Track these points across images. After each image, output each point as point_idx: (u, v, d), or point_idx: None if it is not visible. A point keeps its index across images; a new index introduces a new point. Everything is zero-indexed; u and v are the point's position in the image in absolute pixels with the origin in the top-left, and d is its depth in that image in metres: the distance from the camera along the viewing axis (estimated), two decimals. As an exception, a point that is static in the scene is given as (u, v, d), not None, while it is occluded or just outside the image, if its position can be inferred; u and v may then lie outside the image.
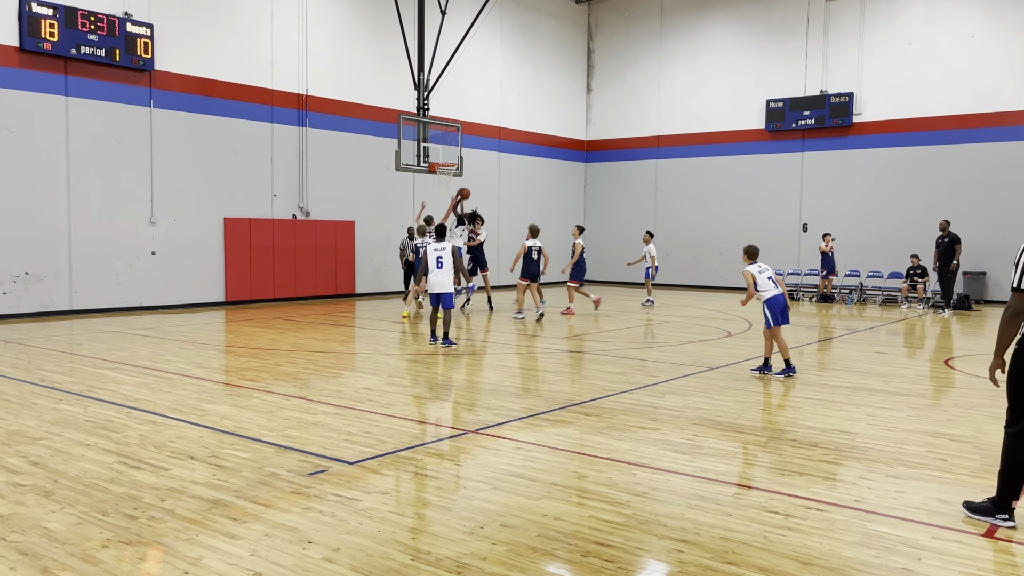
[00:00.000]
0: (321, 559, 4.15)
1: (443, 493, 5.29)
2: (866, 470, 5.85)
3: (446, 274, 12.24)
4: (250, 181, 18.64)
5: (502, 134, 25.04)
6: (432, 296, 12.35)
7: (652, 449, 6.38)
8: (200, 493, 5.16)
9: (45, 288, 15.48)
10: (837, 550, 4.35)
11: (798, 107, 23.27)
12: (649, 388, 8.99)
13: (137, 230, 16.74)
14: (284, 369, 9.99)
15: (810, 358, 11.47)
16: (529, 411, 7.71)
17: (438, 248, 12.35)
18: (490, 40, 24.15)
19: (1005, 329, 4.59)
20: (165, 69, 16.93)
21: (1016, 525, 4.72)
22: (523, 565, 4.11)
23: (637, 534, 4.55)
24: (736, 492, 5.30)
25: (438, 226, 12.68)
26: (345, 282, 20.67)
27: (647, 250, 19.74)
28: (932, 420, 7.55)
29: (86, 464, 5.80)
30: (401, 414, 7.54)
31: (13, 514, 4.76)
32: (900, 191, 21.99)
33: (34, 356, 10.82)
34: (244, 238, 18.44)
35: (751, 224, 24.33)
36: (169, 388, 8.69)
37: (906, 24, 21.78)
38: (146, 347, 11.77)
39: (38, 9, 14.81)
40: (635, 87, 27.06)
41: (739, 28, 24.77)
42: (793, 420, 7.50)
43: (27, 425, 6.96)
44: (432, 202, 21.94)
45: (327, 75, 20.06)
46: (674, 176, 26.19)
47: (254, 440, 6.51)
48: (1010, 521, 4.71)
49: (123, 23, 15.93)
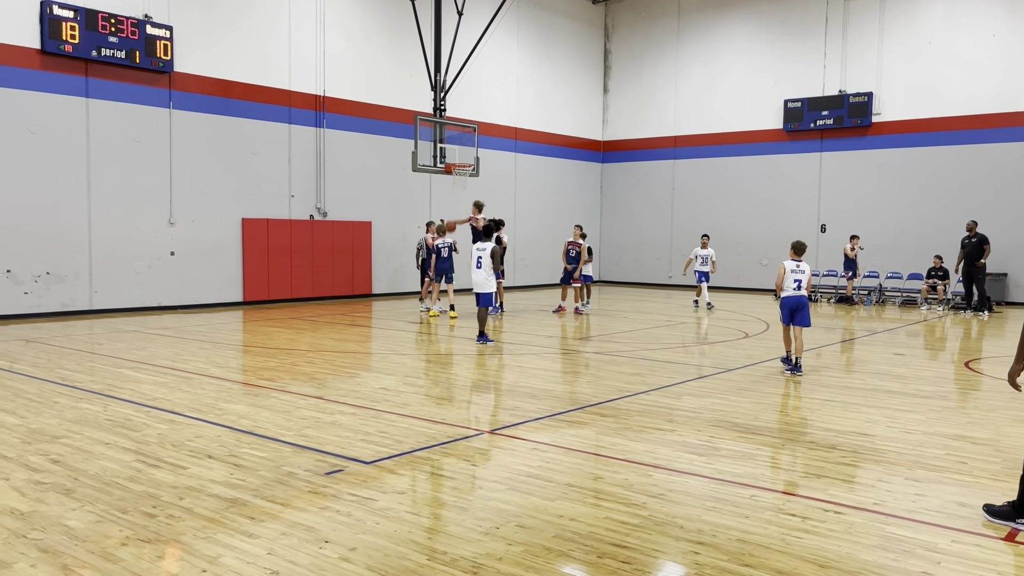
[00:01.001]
0: (338, 558, 4.17)
1: (459, 493, 5.30)
2: (885, 473, 5.80)
3: (485, 274, 12.48)
4: (268, 182, 18.75)
5: (519, 135, 25.05)
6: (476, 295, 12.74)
7: (668, 450, 6.36)
8: (218, 492, 5.20)
9: (66, 288, 15.64)
10: (855, 553, 4.32)
11: (816, 107, 23.12)
12: (665, 389, 8.96)
13: (156, 230, 16.88)
14: (301, 369, 10.04)
15: (829, 359, 11.39)
16: (545, 412, 7.70)
17: (479, 248, 12.59)
18: (507, 41, 24.16)
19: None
20: (184, 71, 17.07)
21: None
22: (539, 566, 4.11)
23: (653, 535, 4.53)
24: (753, 494, 5.27)
25: (485, 226, 12.99)
26: (362, 282, 20.74)
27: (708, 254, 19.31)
28: (952, 423, 7.47)
29: (106, 462, 5.85)
30: (417, 414, 7.55)
31: (34, 512, 4.81)
32: (920, 191, 21.80)
33: (55, 355, 10.94)
34: (262, 238, 18.55)
35: (769, 225, 24.20)
36: (188, 387, 8.75)
37: (926, 23, 21.59)
38: (165, 347, 11.86)
39: (59, 12, 14.97)
40: (652, 87, 26.99)
41: (757, 28, 24.65)
42: (811, 422, 7.45)
43: (48, 423, 7.04)
44: (444, 204, 22.03)
45: (344, 76, 20.14)
46: (691, 177, 26.09)
47: (271, 439, 6.55)
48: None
49: (143, 25, 16.07)
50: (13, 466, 5.74)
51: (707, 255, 19.20)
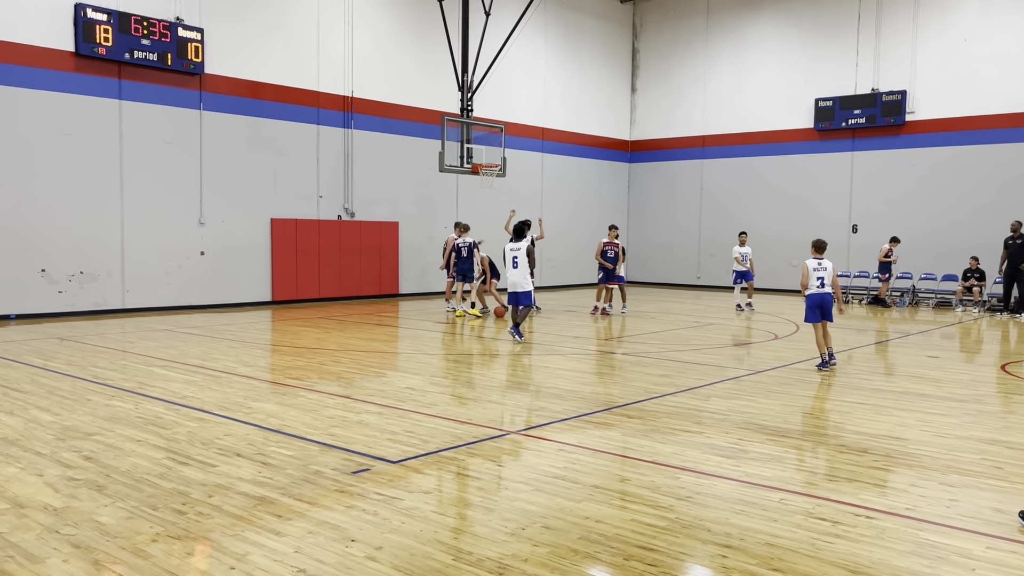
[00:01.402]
0: (364, 557, 4.18)
1: (485, 494, 5.29)
2: (918, 477, 5.70)
3: (522, 273, 12.71)
4: (296, 182, 18.90)
5: (545, 135, 25.02)
6: (511, 295, 12.97)
7: (696, 453, 6.30)
8: (246, 490, 5.24)
9: (99, 287, 15.89)
10: (888, 559, 4.24)
11: (848, 106, 22.82)
12: (693, 391, 8.89)
13: (187, 230, 17.09)
14: (329, 368, 10.10)
15: (861, 362, 11.23)
16: (572, 413, 7.67)
17: (514, 248, 12.84)
18: (534, 41, 24.14)
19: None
20: (215, 72, 17.26)
21: None
22: (565, 567, 4.09)
23: (680, 538, 4.49)
24: (782, 497, 5.21)
25: (516, 226, 13.19)
26: (389, 282, 20.84)
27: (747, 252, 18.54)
28: (988, 427, 7.33)
29: (137, 459, 5.93)
30: (443, 414, 7.56)
31: (67, 507, 4.88)
32: (955, 191, 21.43)
33: (88, 353, 11.11)
34: (290, 238, 18.71)
35: (799, 225, 23.94)
36: (217, 386, 8.84)
37: (961, 20, 21.23)
38: (195, 345, 11.99)
39: (93, 15, 15.21)
40: (680, 86, 26.82)
41: (787, 26, 24.39)
42: (842, 425, 7.35)
43: (81, 421, 7.14)
44: (470, 204, 22.09)
45: (372, 77, 20.24)
46: (720, 176, 25.89)
47: (299, 438, 6.59)
48: None
49: (175, 28, 16.28)
50: (47, 462, 5.83)
51: (746, 253, 18.43)
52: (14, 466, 5.74)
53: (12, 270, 14.76)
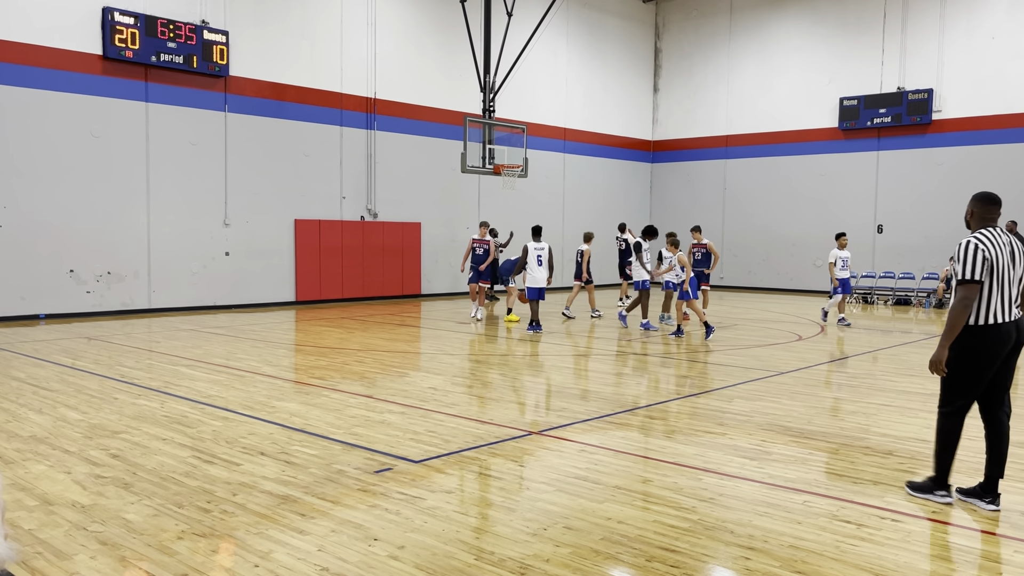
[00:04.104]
0: (386, 556, 4.20)
1: (507, 494, 5.29)
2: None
3: (546, 271, 13.99)
4: (320, 183, 19.03)
5: (567, 135, 24.98)
6: (532, 290, 14.01)
7: (719, 454, 6.27)
8: (270, 488, 5.28)
9: (126, 287, 16.09)
10: (914, 563, 4.20)
11: (873, 104, 22.58)
12: (716, 392, 8.84)
13: (212, 231, 17.26)
14: (352, 368, 10.15)
15: (886, 363, 11.11)
16: (593, 413, 7.66)
17: (538, 247, 14.01)
18: (556, 41, 24.13)
19: (958, 319, 4.88)
20: (239, 75, 17.42)
21: (952, 501, 5.07)
22: (586, 568, 4.08)
23: (703, 540, 4.47)
24: (806, 500, 5.16)
25: (534, 228, 14.39)
26: (411, 283, 20.91)
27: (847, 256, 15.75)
28: (1015, 429, 7.21)
29: (163, 458, 5.99)
30: (465, 414, 7.58)
31: (94, 505, 4.95)
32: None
33: (115, 353, 11.25)
34: (314, 239, 18.83)
35: (823, 225, 23.70)
36: (241, 385, 8.92)
37: (989, 17, 20.93)
38: (219, 345, 12.11)
39: (120, 19, 15.41)
40: (703, 86, 26.68)
41: (812, 24, 24.18)
42: (867, 427, 7.27)
43: (108, 419, 7.24)
44: (493, 205, 22.14)
45: (395, 78, 20.33)
46: (743, 176, 25.72)
47: (322, 437, 6.63)
48: (948, 497, 5.10)
49: (200, 31, 16.44)
50: (75, 460, 5.92)
51: (847, 257, 15.60)
52: (43, 463, 5.83)
53: (41, 271, 14.99)
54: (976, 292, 4.88)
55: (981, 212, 5.14)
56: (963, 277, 4.89)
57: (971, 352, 4.94)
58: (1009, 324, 4.95)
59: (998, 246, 4.93)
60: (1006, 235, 5.04)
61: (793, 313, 18.03)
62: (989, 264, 4.88)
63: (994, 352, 4.93)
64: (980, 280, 4.87)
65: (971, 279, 4.86)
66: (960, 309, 4.89)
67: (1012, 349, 5.02)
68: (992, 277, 4.90)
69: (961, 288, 4.90)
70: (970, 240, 4.94)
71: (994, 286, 4.91)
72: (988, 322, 4.92)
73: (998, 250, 4.92)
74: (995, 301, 4.92)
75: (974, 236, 4.97)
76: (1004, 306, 4.93)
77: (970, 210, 5.21)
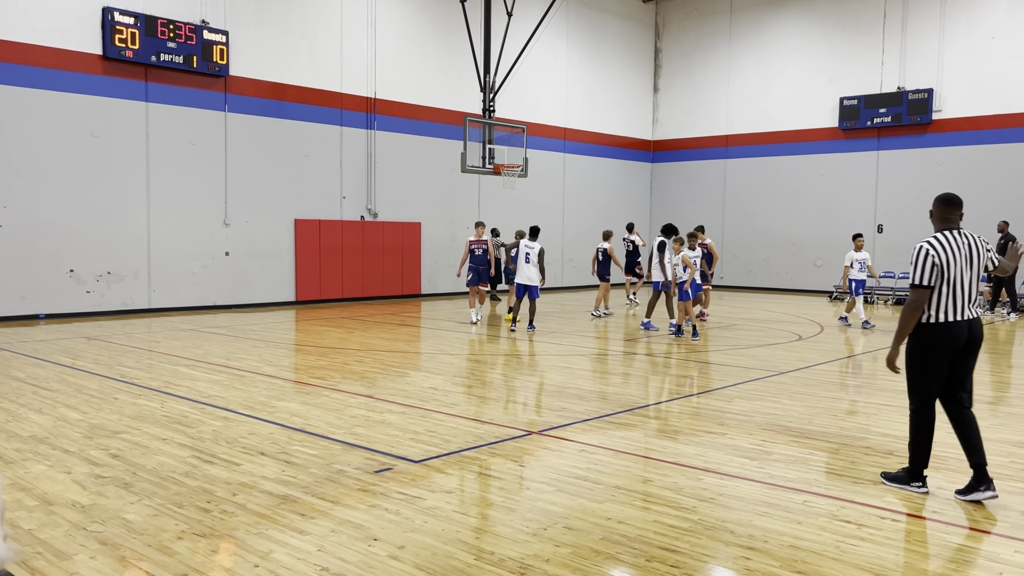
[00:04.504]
0: (386, 556, 4.20)
1: (507, 494, 5.29)
2: (945, 480, 5.63)
3: (535, 269, 13.87)
4: (320, 183, 19.02)
5: (567, 135, 24.98)
6: (519, 287, 13.99)
7: (719, 454, 6.27)
8: (270, 488, 5.28)
9: (126, 287, 16.09)
10: (914, 562, 4.20)
11: (874, 104, 22.58)
12: (716, 392, 8.84)
13: (212, 231, 17.26)
14: (352, 368, 10.15)
15: (884, 363, 11.09)
16: (593, 413, 7.66)
17: (529, 245, 13.93)
18: (556, 41, 24.13)
19: (908, 321, 5.20)
20: (239, 75, 17.42)
21: (929, 491, 5.28)
22: (586, 568, 4.08)
23: (703, 540, 4.47)
24: (806, 499, 5.16)
25: (532, 228, 14.35)
26: (411, 283, 20.91)
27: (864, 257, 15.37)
28: (1016, 429, 7.23)
29: (163, 458, 5.99)
30: (465, 414, 7.58)
31: (94, 505, 4.95)
32: (983, 190, 21.11)
33: (115, 353, 11.25)
34: (314, 239, 18.83)
35: (823, 225, 23.73)
36: (241, 385, 8.92)
37: (989, 17, 20.94)
38: (219, 345, 12.11)
39: (120, 19, 15.40)
40: (703, 86, 26.68)
41: (812, 24, 24.18)
42: (867, 427, 7.27)
43: (108, 419, 7.24)
44: (493, 205, 22.13)
45: (395, 78, 20.33)
46: (743, 176, 25.72)
47: (322, 437, 6.63)
48: (923, 488, 5.30)
49: (200, 31, 16.44)
50: (75, 460, 5.92)
51: (864, 259, 15.30)
52: (43, 463, 5.83)
53: (41, 270, 14.99)
54: (925, 296, 5.15)
55: (940, 213, 5.35)
56: (912, 282, 5.18)
57: (924, 348, 5.22)
58: (961, 323, 5.16)
59: (951, 250, 5.15)
60: (964, 236, 5.23)
61: (793, 313, 18.02)
62: (939, 269, 5.12)
63: (945, 348, 5.17)
64: (929, 285, 5.13)
65: (919, 284, 5.14)
66: (910, 312, 5.19)
67: (968, 347, 5.22)
68: (943, 280, 5.13)
69: (912, 292, 5.19)
70: (922, 245, 5.18)
71: (944, 288, 5.14)
72: (939, 320, 5.16)
73: (951, 254, 5.14)
74: (946, 302, 5.15)
75: (927, 241, 5.19)
76: (956, 306, 5.15)
77: (931, 211, 5.45)
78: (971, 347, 5.23)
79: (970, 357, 5.26)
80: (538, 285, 13.98)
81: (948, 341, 5.15)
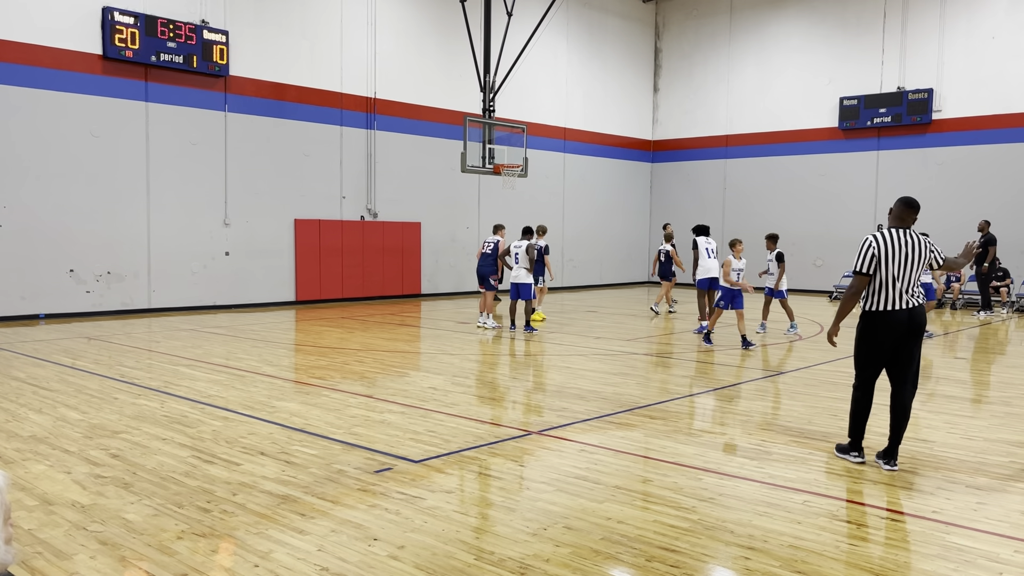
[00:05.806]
0: (386, 556, 4.20)
1: (507, 494, 5.29)
2: (945, 480, 5.63)
3: (521, 270, 13.92)
4: (320, 183, 19.02)
5: (567, 135, 24.98)
6: (512, 287, 14.07)
7: (719, 454, 6.27)
8: (270, 488, 5.28)
9: (126, 287, 16.08)
10: (913, 562, 4.20)
11: (873, 104, 22.58)
12: (716, 392, 8.84)
13: (212, 231, 17.25)
14: (352, 368, 10.15)
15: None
16: (593, 413, 7.66)
17: (517, 245, 14.08)
18: (556, 41, 24.12)
19: (846, 304, 5.82)
20: (239, 74, 17.41)
21: (866, 460, 5.94)
22: (586, 568, 4.08)
23: (703, 540, 4.47)
24: (806, 499, 5.16)
25: (525, 227, 14.63)
26: (411, 283, 20.91)
27: None
28: (1016, 429, 7.23)
29: (163, 458, 5.99)
30: (465, 414, 7.58)
31: (94, 504, 4.95)
32: (983, 190, 21.13)
33: (115, 352, 11.25)
34: (314, 239, 18.83)
35: (823, 225, 23.74)
36: (241, 385, 8.92)
37: (990, 17, 20.94)
38: (219, 345, 12.11)
39: (120, 19, 15.40)
40: (703, 86, 26.67)
41: (812, 24, 24.18)
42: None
43: (108, 419, 7.23)
44: (492, 205, 22.13)
45: (395, 78, 20.33)
46: (743, 176, 25.72)
47: (322, 437, 6.63)
48: (860, 458, 5.95)
49: (200, 31, 16.44)
50: (75, 460, 5.92)
51: None
52: (43, 463, 5.83)
53: (41, 270, 14.98)
54: (863, 282, 5.77)
55: (898, 212, 5.90)
56: (853, 269, 5.81)
57: (864, 333, 5.84)
58: (901, 311, 5.69)
59: (892, 245, 5.68)
60: (910, 235, 5.75)
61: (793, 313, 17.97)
62: (877, 260, 5.69)
63: (884, 334, 5.72)
64: (866, 273, 5.73)
65: (858, 271, 5.77)
66: (848, 296, 5.86)
67: (909, 334, 5.72)
68: (882, 270, 5.68)
69: (852, 278, 5.81)
70: (867, 238, 5.76)
71: (882, 278, 5.70)
72: (877, 308, 5.74)
73: (891, 248, 5.68)
74: (884, 291, 5.71)
75: (872, 234, 5.74)
76: (894, 295, 5.69)
77: (891, 208, 5.96)
78: (913, 333, 5.71)
79: (912, 343, 5.73)
80: (527, 283, 13.90)
81: (887, 326, 5.69)
